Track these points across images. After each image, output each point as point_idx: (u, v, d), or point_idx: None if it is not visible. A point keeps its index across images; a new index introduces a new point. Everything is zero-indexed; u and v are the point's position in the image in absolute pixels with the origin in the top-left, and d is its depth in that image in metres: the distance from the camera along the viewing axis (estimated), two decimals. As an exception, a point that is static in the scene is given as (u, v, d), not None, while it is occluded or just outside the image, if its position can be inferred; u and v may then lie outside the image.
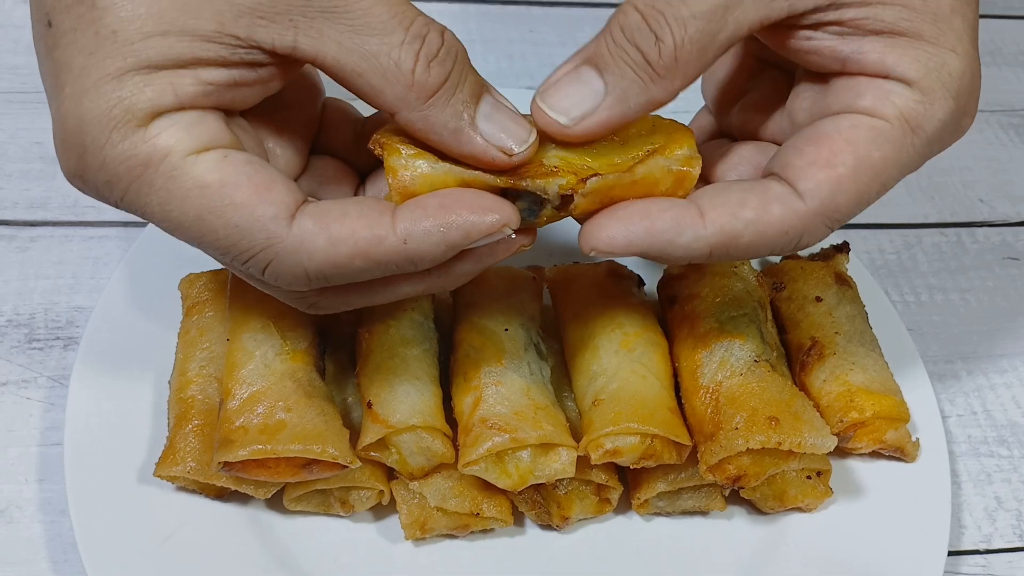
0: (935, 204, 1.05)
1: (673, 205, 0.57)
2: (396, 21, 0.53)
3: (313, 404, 0.66)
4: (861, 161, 0.57)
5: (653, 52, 0.55)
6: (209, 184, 0.52)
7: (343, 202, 0.55)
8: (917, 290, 0.96)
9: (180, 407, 0.70)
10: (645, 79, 0.56)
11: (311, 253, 0.54)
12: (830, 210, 0.57)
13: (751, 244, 0.57)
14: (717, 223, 0.56)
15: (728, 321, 0.73)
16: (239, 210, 0.53)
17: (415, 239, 0.54)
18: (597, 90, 0.56)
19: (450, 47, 0.54)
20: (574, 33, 1.19)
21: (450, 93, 0.54)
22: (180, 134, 0.52)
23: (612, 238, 0.56)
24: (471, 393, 0.69)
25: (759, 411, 0.67)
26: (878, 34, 0.57)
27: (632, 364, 0.71)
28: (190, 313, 0.75)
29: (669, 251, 0.57)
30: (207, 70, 0.53)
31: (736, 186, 0.59)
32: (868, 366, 0.75)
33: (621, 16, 0.56)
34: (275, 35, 0.52)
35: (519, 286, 0.76)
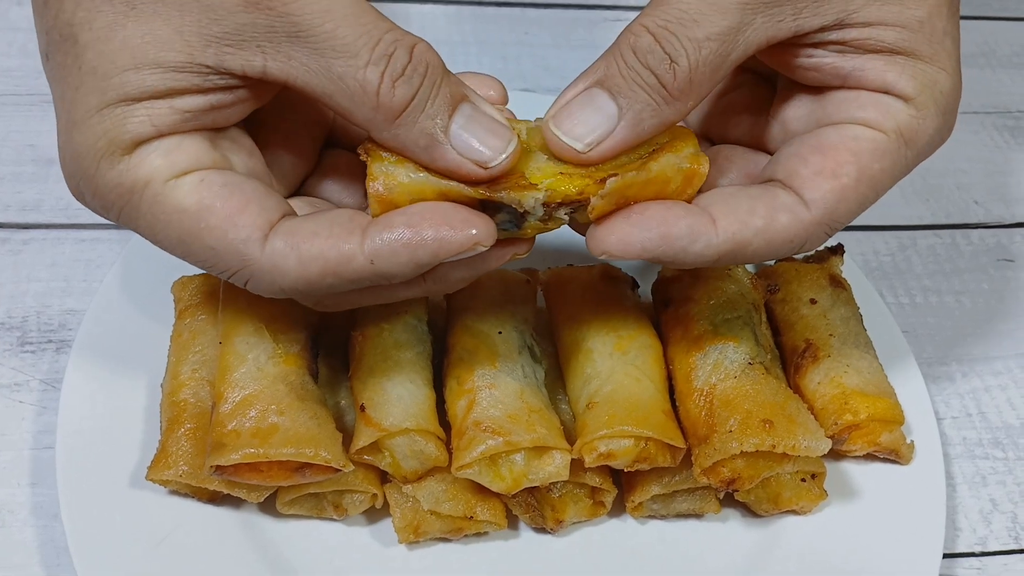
0: (929, 206, 1.05)
1: (688, 212, 0.57)
2: (362, 41, 0.52)
3: (306, 407, 0.65)
4: (863, 172, 0.58)
5: (668, 75, 0.55)
6: (186, 208, 0.54)
7: (316, 219, 0.56)
8: (912, 292, 0.96)
9: (172, 410, 0.69)
10: (659, 102, 0.56)
11: (283, 272, 0.55)
12: (832, 219, 0.59)
13: (757, 251, 0.58)
14: (728, 231, 0.57)
15: (722, 324, 0.73)
16: (213, 233, 0.54)
17: (382, 259, 0.54)
18: (610, 114, 0.56)
19: (419, 63, 0.54)
20: (568, 35, 1.19)
21: (418, 111, 0.54)
22: (159, 161, 0.54)
23: (627, 243, 0.56)
24: (464, 396, 0.68)
25: (753, 414, 0.67)
26: (878, 52, 0.59)
27: (626, 367, 0.71)
28: (182, 316, 0.74)
29: (680, 257, 0.57)
30: (182, 99, 0.54)
31: (744, 193, 0.59)
32: (862, 368, 0.75)
33: (632, 38, 0.55)
34: (244, 61, 0.53)
35: (513, 289, 0.76)
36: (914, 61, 0.59)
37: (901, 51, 0.59)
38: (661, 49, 0.55)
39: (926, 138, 0.60)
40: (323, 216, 0.56)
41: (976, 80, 1.20)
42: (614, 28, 1.19)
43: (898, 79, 0.59)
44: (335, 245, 0.54)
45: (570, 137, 0.56)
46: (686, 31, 0.55)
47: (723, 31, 0.55)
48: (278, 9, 0.52)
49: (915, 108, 0.59)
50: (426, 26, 1.18)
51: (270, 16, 0.52)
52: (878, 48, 0.59)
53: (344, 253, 0.54)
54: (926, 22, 0.59)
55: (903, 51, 0.59)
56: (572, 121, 0.56)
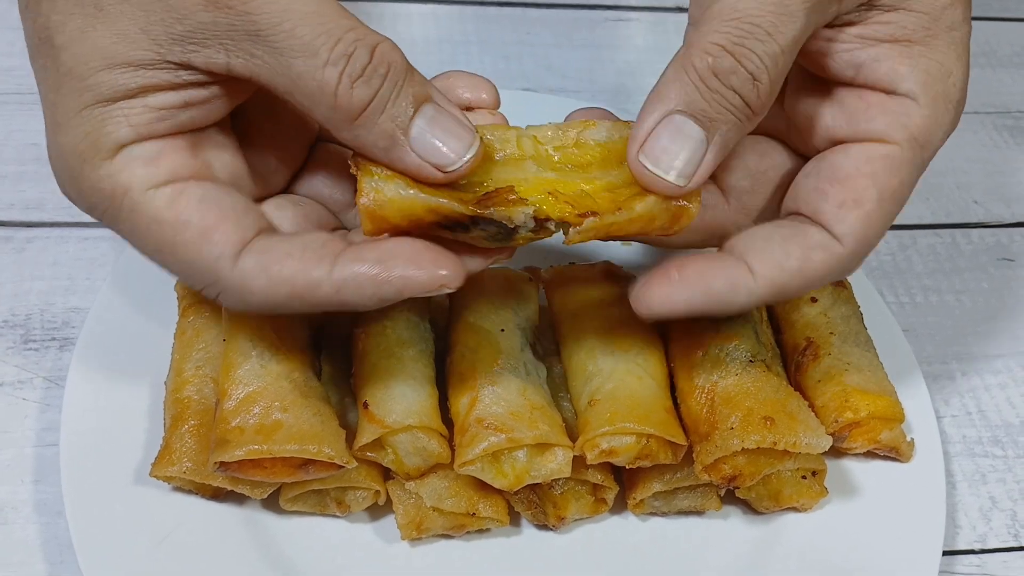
0: (929, 205, 1.05)
1: (725, 264, 0.58)
2: (320, 40, 0.52)
3: (309, 404, 0.65)
4: (883, 192, 0.59)
5: (752, 94, 0.55)
6: (163, 221, 0.55)
7: (290, 241, 0.56)
8: (912, 291, 0.97)
9: (176, 407, 0.69)
10: (743, 120, 0.56)
11: (252, 292, 0.56)
12: (864, 245, 0.60)
13: (796, 290, 0.59)
14: (767, 277, 0.58)
15: (723, 322, 0.73)
16: (188, 248, 0.55)
17: (348, 290, 0.55)
18: (699, 139, 0.55)
19: (380, 62, 0.53)
20: (570, 35, 1.19)
21: (378, 112, 0.53)
22: (139, 170, 0.55)
23: (673, 302, 0.57)
24: (467, 393, 0.68)
25: (754, 411, 0.67)
26: (895, 42, 0.59)
27: (628, 364, 0.71)
28: (186, 314, 0.74)
29: (725, 309, 0.58)
30: (155, 96, 0.54)
31: (776, 235, 0.60)
32: (863, 366, 0.75)
33: (711, 59, 0.54)
34: (208, 59, 0.54)
35: (515, 287, 0.76)
36: (929, 51, 0.59)
37: (918, 40, 0.59)
38: (744, 70, 0.54)
39: (940, 134, 0.60)
40: (297, 239, 0.57)
41: (977, 80, 1.19)
42: (616, 28, 1.20)
43: (909, 73, 0.58)
44: (304, 271, 0.55)
45: (663, 170, 0.56)
46: (763, 46, 0.54)
47: (795, 39, 0.55)
48: (237, 8, 0.52)
49: (926, 107, 0.59)
50: (427, 26, 1.18)
51: (229, 15, 0.52)
52: (896, 37, 0.59)
53: (312, 279, 0.55)
54: (947, 8, 0.59)
55: (920, 40, 0.59)
56: (667, 154, 0.55)
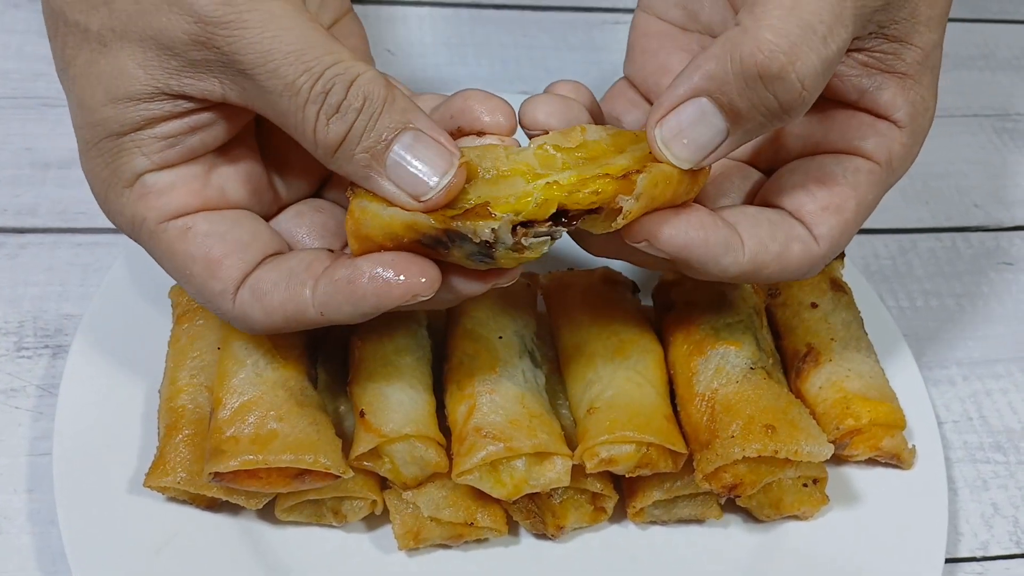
0: (929, 209, 1.05)
1: (724, 224, 0.59)
2: (303, 80, 0.53)
3: (305, 413, 0.65)
4: (861, 204, 0.62)
5: (795, 101, 0.54)
6: (175, 253, 0.59)
7: (279, 268, 0.59)
8: (912, 295, 0.96)
9: (170, 416, 0.69)
10: (772, 122, 0.55)
11: (252, 321, 0.59)
12: (835, 249, 0.63)
13: (771, 275, 0.61)
14: (752, 251, 0.59)
15: (723, 328, 0.72)
16: (195, 280, 0.59)
17: (330, 312, 0.57)
18: (720, 130, 0.55)
19: (355, 97, 0.54)
20: (567, 37, 1.18)
21: (353, 145, 0.55)
22: (153, 202, 0.58)
23: (673, 236, 0.57)
24: (465, 401, 0.68)
25: (755, 419, 0.67)
26: (893, 73, 0.61)
27: (627, 372, 0.70)
28: (180, 321, 0.74)
29: (710, 267, 0.59)
30: (161, 126, 0.57)
31: (764, 217, 0.61)
32: (864, 373, 0.75)
33: (761, 56, 0.52)
34: (203, 91, 0.56)
35: (513, 293, 0.75)
36: (917, 85, 0.61)
37: (911, 74, 0.61)
38: (795, 76, 0.52)
39: (909, 162, 0.64)
40: (285, 266, 0.59)
41: (976, 83, 1.19)
42: (613, 31, 1.20)
43: (903, 104, 0.61)
44: (291, 298, 0.57)
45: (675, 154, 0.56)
46: (817, 52, 0.53)
47: (843, 45, 0.54)
48: (223, 49, 0.53)
49: (907, 136, 0.62)
50: (424, 29, 1.17)
51: (217, 54, 0.54)
52: (895, 69, 0.60)
53: (299, 305, 0.57)
54: (936, 48, 0.61)
55: (912, 74, 0.61)
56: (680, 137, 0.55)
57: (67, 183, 0.93)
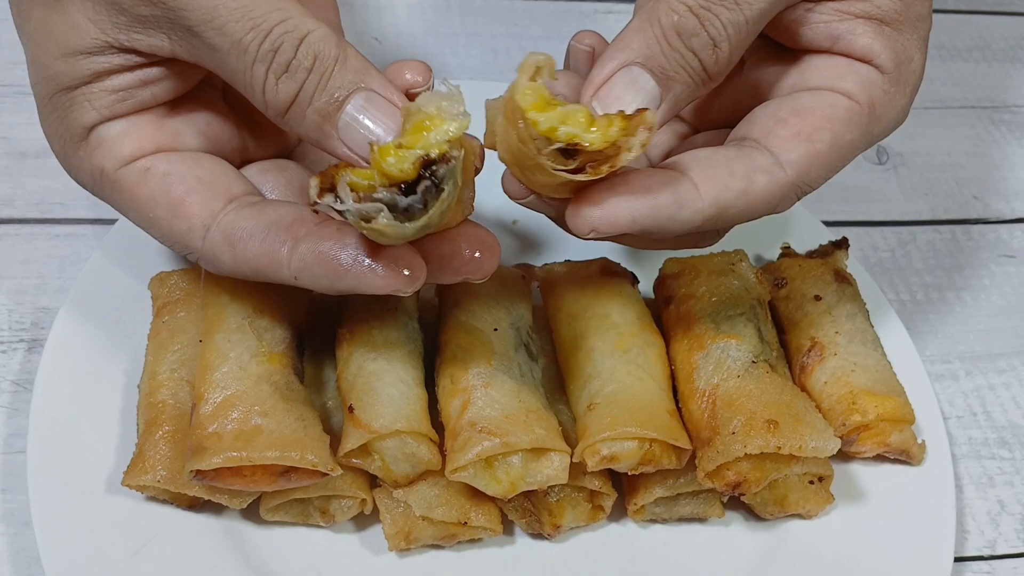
0: (928, 201, 1.03)
1: (670, 178, 0.56)
2: (250, 37, 0.53)
3: (291, 409, 0.63)
4: (836, 140, 0.59)
5: (710, 59, 0.55)
6: (137, 198, 0.58)
7: (258, 216, 0.57)
8: (912, 288, 0.94)
9: (150, 412, 0.67)
10: (698, 84, 0.56)
11: (221, 264, 0.58)
12: (804, 181, 0.60)
13: (737, 214, 0.58)
14: (711, 194, 0.56)
15: (724, 321, 0.71)
16: (161, 223, 0.58)
17: (305, 279, 0.56)
18: (653, 95, 0.55)
19: (305, 56, 0.53)
20: (559, 27, 1.16)
21: (303, 106, 0.54)
22: (109, 150, 0.58)
23: (615, 216, 0.54)
24: (459, 396, 0.66)
25: (757, 414, 0.65)
26: (869, 19, 0.60)
27: (628, 366, 0.68)
28: (160, 313, 0.72)
29: (668, 226, 0.56)
30: (111, 79, 0.57)
31: (720, 155, 0.59)
32: (870, 366, 0.73)
33: (675, 16, 0.54)
34: (152, 45, 0.56)
35: (508, 285, 0.73)
36: (898, 35, 0.61)
37: (889, 22, 0.60)
38: (706, 33, 0.54)
39: (892, 114, 0.62)
40: (264, 216, 0.57)
41: (972, 74, 1.18)
42: (606, 20, 1.18)
43: (882, 49, 0.60)
44: (266, 253, 0.56)
45: None
46: (729, 14, 0.55)
47: (762, 11, 0.56)
48: (169, 4, 0.53)
49: (889, 83, 0.61)
50: (412, 17, 1.15)
51: (164, 10, 0.54)
52: (871, 14, 0.60)
53: (273, 262, 0.56)
54: (917, 1, 0.61)
55: (891, 22, 0.60)
56: (619, 103, 0.54)
57: (44, 173, 0.91)
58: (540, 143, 0.51)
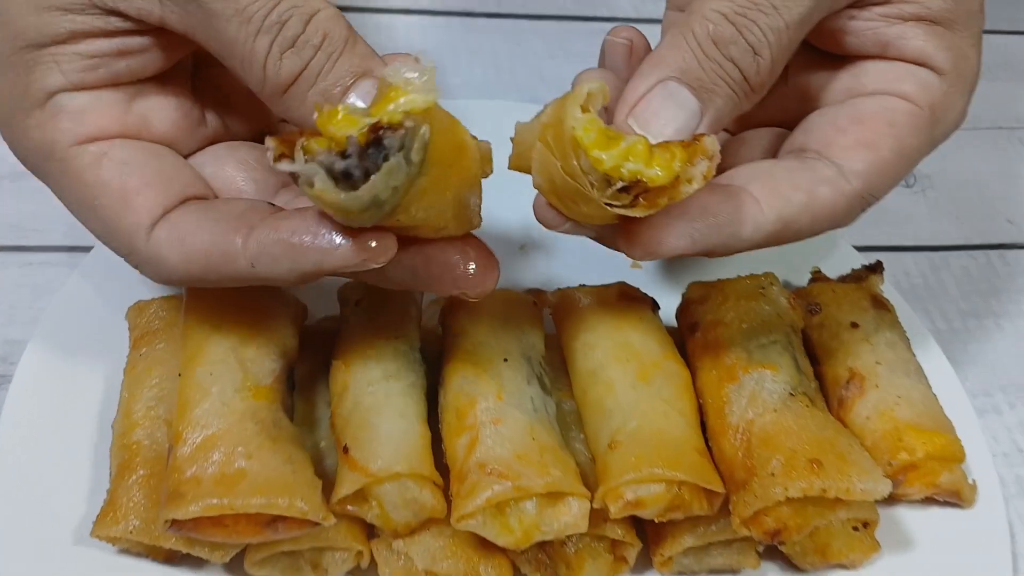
0: (959, 224, 0.99)
1: (729, 195, 0.55)
2: (257, 5, 0.51)
3: (279, 449, 0.59)
4: (901, 147, 0.58)
5: (752, 69, 0.54)
6: (86, 182, 0.55)
7: (208, 209, 0.55)
8: (948, 316, 0.90)
9: (123, 454, 0.64)
10: (740, 96, 0.55)
11: (166, 265, 0.55)
12: (871, 192, 0.58)
13: (802, 229, 0.57)
14: (775, 209, 0.55)
15: (757, 349, 0.67)
16: (106, 212, 0.55)
17: (263, 264, 0.53)
18: (693, 110, 0.53)
19: (314, 33, 0.52)
20: (564, 45, 1.15)
21: (307, 84, 0.52)
22: (65, 123, 0.55)
23: (673, 238, 0.53)
24: (465, 433, 0.62)
25: (798, 453, 0.60)
26: (919, 20, 0.59)
27: (651, 399, 0.64)
28: (138, 345, 0.68)
29: (732, 244, 0.55)
30: (86, 42, 0.54)
31: (780, 168, 0.58)
32: (915, 399, 0.69)
33: (711, 26, 0.53)
34: (140, 9, 0.53)
35: (518, 311, 0.70)
36: (951, 34, 0.59)
37: (941, 21, 0.59)
38: (744, 41, 0.53)
39: (953, 116, 0.61)
40: (215, 208, 0.56)
41: (998, 94, 1.16)
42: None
43: (936, 51, 0.59)
44: (218, 242, 0.53)
45: (655, 136, 0.53)
46: (768, 19, 0.53)
47: (802, 16, 0.54)
48: None
49: (947, 83, 0.59)
50: (414, 37, 1.13)
51: None
52: (921, 15, 0.59)
53: (227, 252, 0.53)
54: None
55: (943, 21, 0.59)
56: (657, 120, 0.53)
57: (20, 196, 0.87)
58: (595, 177, 0.50)
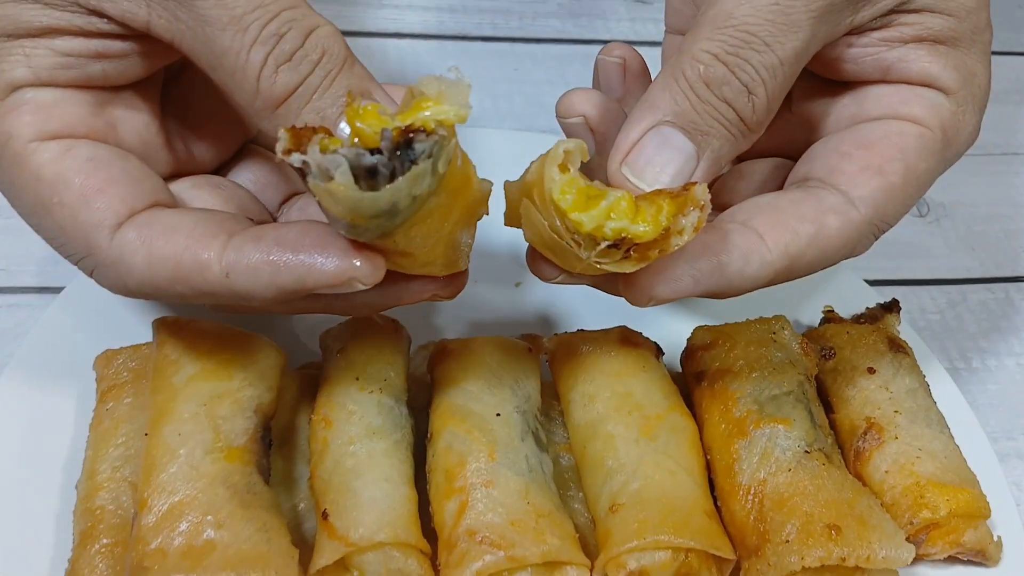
0: (976, 256, 0.95)
1: (730, 231, 0.54)
2: (254, 15, 0.49)
3: (252, 517, 0.55)
4: (910, 171, 0.56)
5: (747, 109, 0.52)
6: (43, 178, 0.51)
7: (181, 214, 0.52)
8: (967, 354, 0.86)
9: (87, 520, 0.60)
10: (737, 136, 0.53)
11: (130, 270, 0.51)
12: (881, 219, 0.56)
13: (811, 262, 0.55)
14: (780, 244, 0.54)
15: (769, 401, 0.63)
16: (64, 211, 0.51)
17: (240, 275, 0.50)
18: (689, 154, 0.52)
19: (312, 48, 0.50)
20: (563, 71, 1.11)
21: (302, 102, 0.50)
22: (28, 117, 0.52)
23: (675, 281, 0.52)
24: (455, 497, 0.58)
25: (815, 517, 0.57)
26: (921, 41, 0.58)
27: (656, 456, 0.61)
28: (104, 398, 0.64)
29: (736, 283, 0.53)
30: (62, 39, 0.51)
31: (784, 199, 0.56)
32: (937, 452, 0.65)
33: (702, 67, 0.52)
34: (125, 11, 0.50)
35: (512, 359, 0.66)
36: (956, 52, 0.58)
37: (945, 40, 0.57)
38: (738, 81, 0.52)
39: (965, 136, 0.59)
40: (190, 213, 0.53)
41: (1012, 118, 1.11)
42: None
43: (941, 71, 0.57)
44: (191, 248, 0.50)
45: (647, 183, 0.51)
46: (760, 57, 0.52)
47: (797, 51, 0.53)
48: None
49: (956, 103, 0.58)
50: (406, 62, 1.09)
51: None
52: (922, 36, 0.57)
53: (199, 260, 0.50)
54: (973, 12, 0.58)
55: (946, 40, 0.57)
56: (647, 165, 0.52)
57: None
58: (580, 237, 0.48)
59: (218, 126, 0.61)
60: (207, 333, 0.60)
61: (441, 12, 1.12)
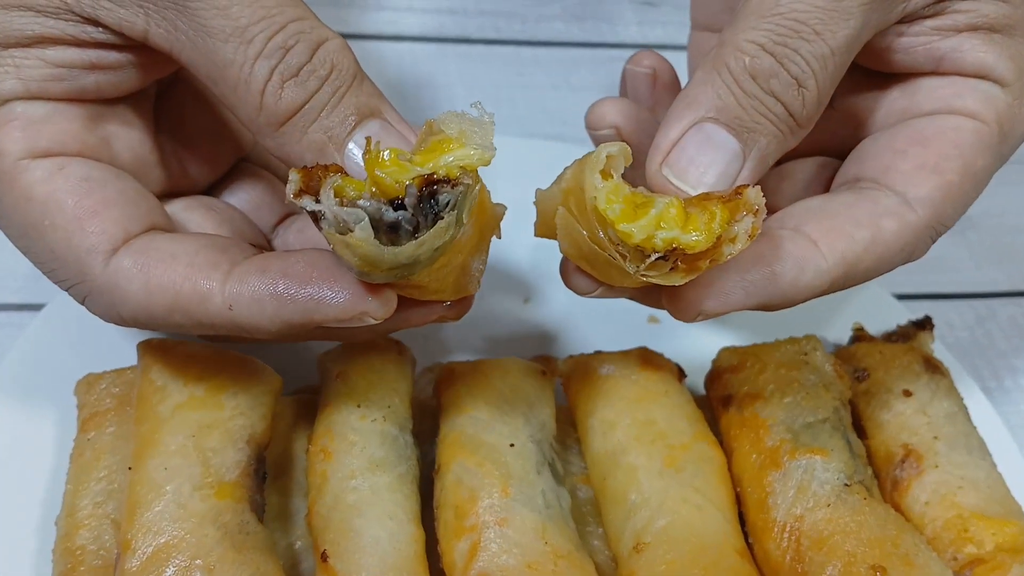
0: (1004, 269, 0.92)
1: (782, 239, 0.51)
2: (259, 27, 0.47)
3: (245, 560, 0.52)
4: (968, 169, 0.54)
5: (796, 103, 0.50)
6: (34, 198, 0.49)
7: (182, 240, 0.50)
8: (999, 373, 0.83)
9: (67, 560, 0.56)
10: (786, 132, 0.50)
11: (124, 298, 0.49)
12: (939, 221, 0.54)
13: (869, 269, 0.53)
14: (837, 251, 0.51)
15: (804, 430, 0.59)
16: (56, 234, 0.49)
17: (243, 307, 0.48)
18: (734, 153, 0.49)
19: (321, 64, 0.48)
20: (568, 76, 1.07)
21: (308, 119, 0.48)
22: (18, 132, 0.49)
23: (726, 295, 0.49)
24: (466, 536, 0.55)
25: (858, 557, 0.54)
26: (975, 30, 0.55)
27: (682, 489, 0.57)
28: (86, 427, 0.60)
29: (791, 294, 0.50)
30: (55, 49, 0.50)
31: (837, 203, 0.53)
32: (980, 481, 0.61)
33: (747, 59, 0.49)
34: (122, 20, 0.48)
35: (524, 383, 0.62)
36: (1012, 40, 0.55)
37: (1000, 28, 0.55)
38: (786, 72, 0.49)
39: (1021, 129, 0.56)
40: (191, 240, 0.50)
41: None
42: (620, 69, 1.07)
43: (997, 61, 0.55)
44: (191, 277, 0.48)
45: (691, 185, 0.49)
46: (810, 47, 0.49)
47: (849, 40, 0.50)
48: None
49: (1013, 95, 0.55)
50: (403, 67, 1.06)
51: None
52: (977, 24, 0.55)
53: (200, 291, 0.48)
54: None
55: (1002, 28, 0.55)
56: (694, 167, 0.49)
57: None
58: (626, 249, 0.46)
59: (212, 143, 0.59)
60: (195, 357, 0.56)
61: (442, 14, 1.09)
